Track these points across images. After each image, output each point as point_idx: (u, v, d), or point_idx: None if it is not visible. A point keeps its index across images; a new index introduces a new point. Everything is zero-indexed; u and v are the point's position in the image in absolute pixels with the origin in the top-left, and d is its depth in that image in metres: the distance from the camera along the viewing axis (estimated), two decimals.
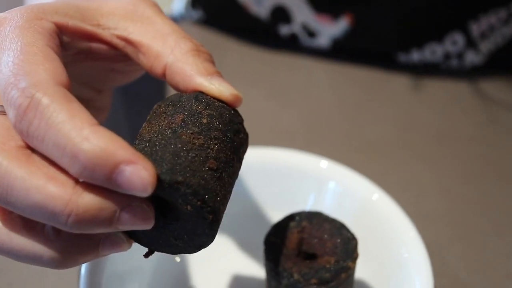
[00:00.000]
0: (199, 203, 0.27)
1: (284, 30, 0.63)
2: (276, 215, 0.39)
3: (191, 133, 0.29)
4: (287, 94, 0.60)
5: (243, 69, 0.63)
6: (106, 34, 0.33)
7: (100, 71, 0.36)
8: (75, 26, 0.32)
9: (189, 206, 0.27)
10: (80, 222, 0.26)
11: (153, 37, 0.32)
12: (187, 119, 0.29)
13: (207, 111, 0.30)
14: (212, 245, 0.41)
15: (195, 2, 0.66)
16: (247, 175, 0.42)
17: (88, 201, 0.26)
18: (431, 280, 0.36)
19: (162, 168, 0.27)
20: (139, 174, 0.25)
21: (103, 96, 0.39)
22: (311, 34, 0.62)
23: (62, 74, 0.28)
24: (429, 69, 0.61)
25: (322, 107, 0.59)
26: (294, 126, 0.56)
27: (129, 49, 0.33)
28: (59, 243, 0.28)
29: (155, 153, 0.28)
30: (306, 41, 0.63)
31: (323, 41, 0.62)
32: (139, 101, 0.58)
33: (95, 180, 0.26)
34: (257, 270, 0.41)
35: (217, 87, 0.32)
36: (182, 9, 0.69)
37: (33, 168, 0.26)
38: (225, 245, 0.42)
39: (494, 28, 0.59)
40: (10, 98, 0.27)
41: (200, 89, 0.31)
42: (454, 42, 0.59)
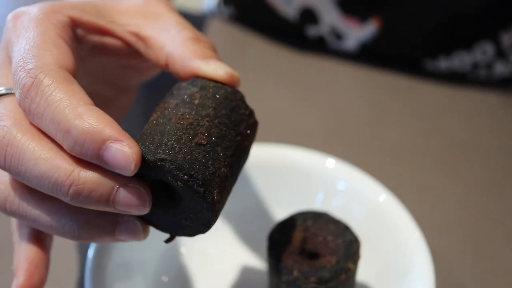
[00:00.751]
0: (186, 177, 0.28)
1: (312, 31, 0.63)
2: (283, 212, 0.39)
3: (181, 114, 0.30)
4: (310, 95, 0.60)
5: (269, 68, 0.63)
6: (119, 30, 0.35)
7: (116, 67, 0.37)
8: (89, 21, 0.33)
9: (179, 182, 0.28)
10: (80, 194, 0.28)
11: (159, 31, 0.34)
12: (180, 103, 0.31)
13: (200, 93, 0.31)
14: (217, 239, 0.42)
15: None
16: (256, 172, 0.43)
17: (87, 175, 0.28)
18: (433, 286, 0.36)
19: (149, 149, 0.28)
20: (123, 151, 0.27)
21: (124, 96, 0.41)
22: (338, 36, 0.62)
23: (67, 60, 0.30)
24: (457, 78, 0.61)
25: (344, 109, 0.59)
26: (314, 126, 0.56)
27: (140, 45, 0.35)
28: (80, 217, 0.30)
29: (146, 138, 0.29)
30: (334, 43, 0.63)
31: (350, 44, 0.62)
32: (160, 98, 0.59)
33: (86, 156, 0.27)
34: (260, 265, 0.41)
35: (212, 68, 0.33)
36: (213, 6, 0.70)
37: (43, 142, 0.29)
38: (230, 240, 0.43)
39: None
40: (18, 79, 0.29)
41: (197, 72, 0.32)
42: (483, 51, 0.59)
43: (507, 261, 0.45)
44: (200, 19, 0.68)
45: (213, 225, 0.30)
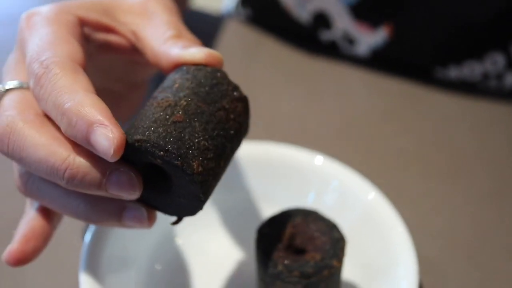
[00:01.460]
0: (161, 153, 0.29)
1: (325, 35, 0.64)
2: (276, 209, 0.40)
3: (161, 99, 0.31)
4: (320, 98, 0.61)
5: (281, 69, 0.65)
6: (123, 28, 0.37)
7: (124, 63, 0.39)
8: (95, 20, 0.36)
9: (158, 160, 0.30)
10: (74, 178, 0.30)
11: (152, 30, 0.36)
12: (162, 90, 0.32)
13: (181, 77, 0.33)
14: (211, 232, 0.44)
15: (244, 1, 0.68)
16: (252, 169, 0.44)
17: (81, 160, 0.30)
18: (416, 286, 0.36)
19: (129, 134, 0.30)
20: (106, 135, 0.28)
21: (135, 91, 0.43)
22: (350, 41, 0.63)
23: (77, 54, 0.33)
24: (466, 87, 0.61)
25: (352, 113, 0.59)
26: (321, 129, 0.57)
27: (138, 44, 0.37)
28: (92, 200, 0.32)
29: (131, 127, 0.31)
30: (346, 48, 0.64)
31: (362, 49, 0.63)
32: None
33: (77, 138, 0.29)
34: (252, 258, 0.42)
35: (191, 52, 0.34)
36: (231, 7, 0.71)
37: (43, 130, 0.31)
38: (224, 233, 0.44)
39: None
40: (32, 70, 0.32)
41: (178, 61, 0.34)
42: (494, 62, 0.59)
43: (499, 272, 0.45)
44: (218, 19, 0.70)
45: (204, 198, 0.31)
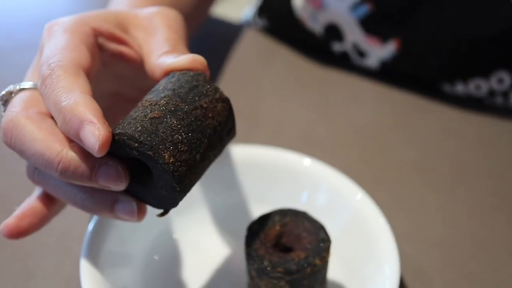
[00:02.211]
0: (136, 144, 0.32)
1: (337, 47, 0.66)
2: (269, 209, 0.42)
3: (145, 100, 0.34)
4: (328, 108, 0.63)
5: (293, 78, 0.67)
6: (132, 41, 0.40)
7: (135, 71, 0.42)
8: (108, 31, 0.39)
9: (134, 151, 0.32)
10: (67, 169, 0.33)
11: (152, 46, 0.39)
12: (149, 93, 0.35)
13: (165, 82, 0.35)
14: (207, 229, 0.46)
15: (261, 11, 0.71)
16: (248, 171, 0.46)
17: (73, 154, 0.33)
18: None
19: (114, 131, 0.33)
20: (93, 132, 0.31)
21: None
22: (361, 54, 0.65)
23: (83, 60, 0.36)
24: (473, 102, 0.62)
25: (359, 123, 0.61)
26: (326, 137, 0.59)
27: (142, 57, 0.40)
28: (88, 190, 0.35)
29: (116, 126, 0.34)
30: (357, 60, 0.66)
31: (372, 62, 0.64)
32: None
33: (70, 134, 0.32)
34: (242, 254, 0.44)
35: (178, 59, 0.37)
36: (250, 17, 0.74)
37: (42, 126, 0.34)
38: (219, 230, 0.47)
39: None
40: (41, 72, 0.35)
41: (168, 69, 0.37)
42: (500, 80, 0.60)
43: (488, 281, 0.46)
44: (237, 28, 0.73)
45: (179, 188, 0.33)
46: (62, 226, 0.47)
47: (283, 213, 0.41)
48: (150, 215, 0.44)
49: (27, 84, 0.37)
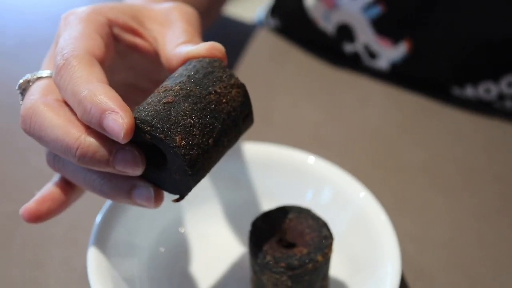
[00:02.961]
0: (148, 128, 0.33)
1: (348, 48, 0.66)
2: (274, 205, 0.43)
3: (161, 87, 0.35)
4: (338, 107, 0.64)
5: (304, 78, 0.67)
6: (147, 33, 0.41)
7: (150, 62, 0.42)
8: (123, 22, 0.40)
9: (147, 135, 0.33)
10: (85, 155, 0.34)
11: (168, 37, 0.39)
12: (166, 80, 0.36)
13: (182, 69, 0.36)
14: (214, 223, 0.47)
15: (274, 11, 0.71)
16: (256, 168, 0.47)
17: (91, 140, 0.34)
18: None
19: None
20: (117, 120, 0.32)
21: None
22: (372, 55, 0.65)
23: (97, 49, 0.36)
24: (482, 106, 0.62)
25: (368, 124, 0.62)
26: (335, 137, 0.60)
27: (157, 48, 0.40)
28: (107, 175, 0.36)
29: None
30: (368, 61, 0.66)
31: (383, 63, 0.65)
32: None
33: (91, 123, 0.33)
34: (247, 249, 0.45)
35: (195, 47, 0.37)
36: (262, 17, 0.75)
37: (60, 113, 0.35)
38: (225, 225, 0.47)
39: None
40: (55, 62, 0.36)
41: (186, 58, 0.37)
42: (510, 84, 0.60)
43: (489, 282, 0.47)
44: (250, 27, 0.73)
45: (191, 172, 0.33)
46: (71, 218, 0.48)
47: (287, 209, 0.42)
48: (159, 208, 0.45)
49: (44, 73, 0.38)
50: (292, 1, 0.68)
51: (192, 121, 0.33)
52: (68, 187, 0.39)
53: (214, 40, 0.38)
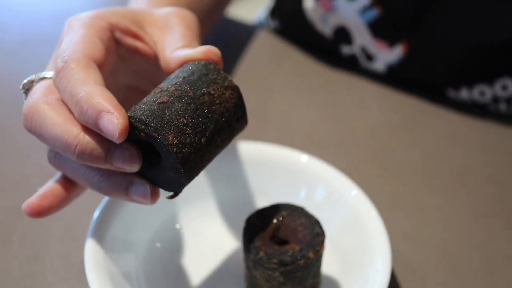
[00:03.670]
0: (142, 126, 0.34)
1: (346, 50, 0.67)
2: (269, 203, 0.44)
3: (157, 87, 0.36)
4: (335, 109, 0.65)
5: (302, 79, 0.68)
6: (147, 37, 0.42)
7: (150, 65, 0.43)
8: (125, 26, 0.41)
9: (142, 134, 0.34)
10: (84, 152, 0.35)
11: (167, 42, 0.40)
12: (162, 82, 0.37)
13: (179, 71, 0.37)
14: (209, 220, 0.48)
15: (274, 13, 0.72)
16: (251, 167, 0.48)
17: (89, 138, 0.35)
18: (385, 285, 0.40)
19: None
20: (112, 121, 0.33)
21: None
22: (369, 57, 0.66)
23: (97, 53, 0.38)
24: (477, 108, 0.63)
25: (363, 125, 0.62)
26: (331, 138, 0.61)
27: (157, 52, 0.41)
28: (105, 172, 0.37)
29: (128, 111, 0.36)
30: (364, 63, 0.67)
31: (379, 65, 0.66)
32: None
33: (88, 123, 0.34)
34: (241, 245, 0.46)
35: (192, 50, 0.38)
36: (263, 18, 0.75)
37: (60, 112, 0.36)
38: (219, 223, 0.49)
39: None
40: (56, 64, 0.37)
41: (183, 60, 0.38)
42: (504, 86, 0.61)
43: (480, 283, 0.48)
44: (250, 28, 0.74)
45: (183, 170, 0.34)
46: (69, 213, 0.49)
47: (280, 207, 0.43)
48: (156, 204, 0.46)
49: (48, 74, 0.39)
50: (292, 3, 0.69)
51: (185, 120, 0.34)
52: (69, 184, 0.40)
53: (215, 40, 0.39)
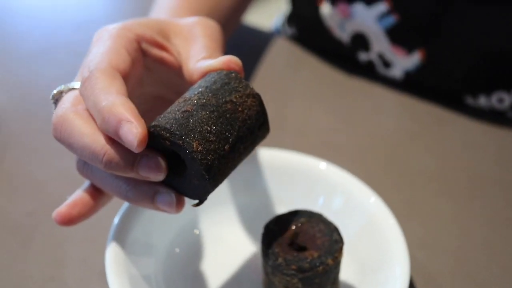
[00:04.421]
0: (168, 135, 0.34)
1: (363, 56, 0.67)
2: (286, 209, 0.44)
3: (181, 97, 0.37)
4: (352, 115, 0.65)
5: (319, 87, 0.68)
6: (172, 47, 0.43)
7: (176, 76, 0.44)
8: (151, 37, 0.42)
9: (167, 142, 0.35)
10: (111, 161, 0.35)
11: (191, 53, 0.41)
12: (186, 92, 0.38)
13: (202, 81, 0.38)
14: (229, 226, 0.49)
15: (290, 20, 0.73)
16: (267, 174, 0.49)
17: (116, 148, 0.35)
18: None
19: (151, 125, 0.35)
20: (131, 130, 0.34)
21: None
22: (386, 64, 0.66)
23: (122, 64, 0.39)
24: (495, 115, 0.63)
25: (380, 132, 0.62)
26: (348, 144, 0.61)
27: (181, 62, 0.42)
28: (132, 182, 0.37)
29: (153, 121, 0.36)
30: (382, 70, 0.67)
31: (396, 72, 0.66)
32: None
33: (109, 132, 0.35)
34: (260, 251, 0.46)
35: (214, 60, 0.39)
36: (279, 25, 0.76)
37: (89, 122, 0.37)
38: (238, 228, 0.49)
39: None
40: (82, 74, 0.38)
41: (206, 71, 0.39)
42: None
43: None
44: (267, 35, 0.75)
45: (208, 176, 0.35)
46: (90, 219, 0.50)
47: (299, 214, 0.43)
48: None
49: (76, 84, 0.40)
50: (308, 10, 0.69)
51: (209, 128, 0.35)
52: (96, 193, 0.41)
53: (233, 47, 0.40)
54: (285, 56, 0.73)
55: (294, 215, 0.43)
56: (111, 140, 0.36)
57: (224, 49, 0.45)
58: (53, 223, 0.51)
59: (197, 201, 0.38)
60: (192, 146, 0.34)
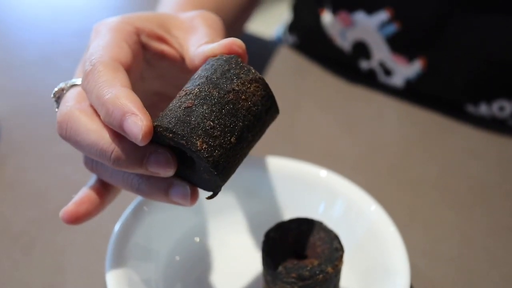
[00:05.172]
0: (170, 135, 0.34)
1: (364, 65, 0.67)
2: (289, 216, 0.44)
3: (182, 90, 0.36)
4: (353, 123, 0.65)
5: (321, 95, 0.69)
6: (173, 41, 0.42)
7: (177, 71, 0.44)
8: (150, 30, 0.41)
9: (170, 142, 0.34)
10: (119, 158, 0.35)
11: (192, 41, 0.41)
12: (187, 83, 0.37)
13: (201, 69, 0.37)
14: (227, 234, 0.48)
15: (292, 28, 0.73)
16: (268, 181, 0.49)
17: (125, 144, 0.35)
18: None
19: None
20: (136, 123, 0.33)
21: None
22: (387, 72, 0.66)
23: (124, 56, 0.38)
24: (496, 123, 0.63)
25: (381, 140, 0.63)
26: (349, 152, 0.61)
27: (183, 53, 0.41)
28: (144, 175, 0.36)
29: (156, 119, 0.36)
30: (383, 78, 0.67)
31: (397, 80, 0.66)
32: None
33: (113, 125, 0.34)
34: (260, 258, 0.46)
35: (215, 44, 0.38)
36: (281, 34, 0.76)
37: (94, 118, 0.36)
38: (239, 235, 0.49)
39: None
40: (84, 68, 0.37)
41: (207, 55, 0.38)
42: None
43: None
44: (269, 44, 0.75)
45: (217, 171, 0.34)
46: (90, 225, 0.50)
47: (299, 221, 0.43)
48: (176, 217, 0.46)
49: (78, 81, 0.39)
50: (310, 19, 0.69)
51: (212, 123, 0.34)
52: (103, 189, 0.41)
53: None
54: (286, 64, 0.73)
55: (294, 223, 0.43)
56: (119, 136, 0.35)
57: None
58: (54, 230, 0.51)
59: (210, 193, 0.37)
60: (196, 145, 0.33)
